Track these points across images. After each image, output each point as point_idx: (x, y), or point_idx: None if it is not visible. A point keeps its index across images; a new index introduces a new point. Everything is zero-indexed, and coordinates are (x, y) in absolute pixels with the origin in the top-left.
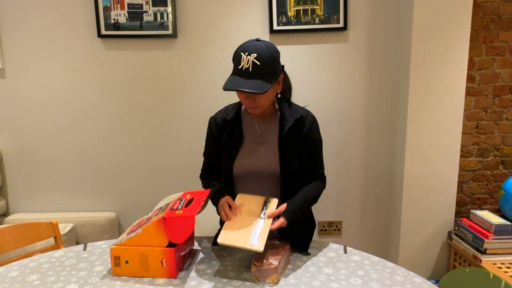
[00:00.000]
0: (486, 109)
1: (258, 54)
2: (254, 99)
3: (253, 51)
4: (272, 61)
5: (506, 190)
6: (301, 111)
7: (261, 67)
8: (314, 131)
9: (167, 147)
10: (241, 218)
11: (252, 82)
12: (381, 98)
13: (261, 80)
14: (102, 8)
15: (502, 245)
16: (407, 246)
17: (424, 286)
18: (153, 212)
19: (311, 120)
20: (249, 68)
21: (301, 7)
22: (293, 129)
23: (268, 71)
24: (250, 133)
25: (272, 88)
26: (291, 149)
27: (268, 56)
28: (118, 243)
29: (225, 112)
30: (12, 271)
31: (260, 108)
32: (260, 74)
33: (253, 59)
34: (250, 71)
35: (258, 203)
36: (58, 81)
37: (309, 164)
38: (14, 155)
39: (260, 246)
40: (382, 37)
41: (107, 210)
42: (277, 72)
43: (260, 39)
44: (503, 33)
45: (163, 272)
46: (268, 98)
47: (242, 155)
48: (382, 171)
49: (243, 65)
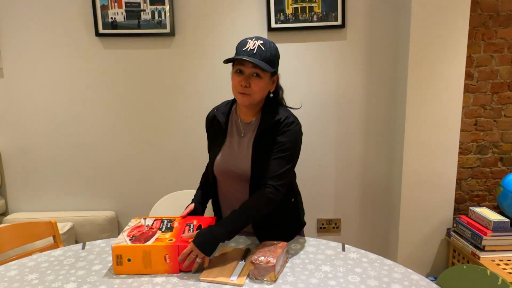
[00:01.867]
0: (484, 106)
1: (264, 42)
2: (249, 84)
3: (260, 39)
4: (276, 54)
5: (504, 187)
6: (282, 115)
7: (265, 52)
8: (283, 134)
9: (165, 145)
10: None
11: (256, 60)
12: (380, 95)
13: (264, 61)
14: (99, 6)
15: (500, 242)
16: (406, 243)
17: (421, 283)
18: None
19: (286, 125)
20: (254, 49)
21: (299, 4)
22: (269, 133)
23: (271, 59)
24: (234, 133)
25: (267, 81)
26: (264, 152)
27: (273, 47)
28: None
29: (216, 108)
30: (11, 270)
31: (251, 98)
32: (262, 56)
33: (259, 43)
34: (255, 52)
35: (238, 253)
36: (56, 80)
37: (266, 168)
38: (13, 154)
39: (240, 281)
40: (380, 34)
41: (106, 209)
42: (276, 67)
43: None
44: (501, 30)
45: (167, 268)
46: (261, 88)
47: (222, 154)
48: (380, 168)
49: (249, 47)
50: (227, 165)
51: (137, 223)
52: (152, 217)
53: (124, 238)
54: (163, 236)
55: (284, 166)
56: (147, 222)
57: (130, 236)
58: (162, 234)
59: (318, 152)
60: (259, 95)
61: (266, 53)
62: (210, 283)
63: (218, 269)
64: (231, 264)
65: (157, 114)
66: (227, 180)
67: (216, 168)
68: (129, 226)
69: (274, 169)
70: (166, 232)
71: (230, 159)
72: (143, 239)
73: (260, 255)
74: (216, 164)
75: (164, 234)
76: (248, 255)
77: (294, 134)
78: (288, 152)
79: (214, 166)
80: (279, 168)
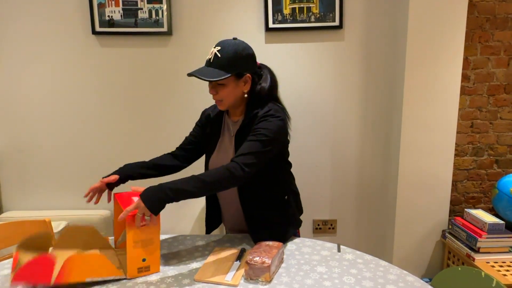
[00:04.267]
0: (480, 108)
1: (222, 47)
2: (216, 91)
3: (219, 45)
4: (235, 56)
5: (500, 189)
6: (265, 109)
7: (221, 59)
8: (259, 123)
9: (161, 144)
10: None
11: (208, 70)
12: (376, 97)
13: (219, 68)
14: (96, 5)
15: (495, 243)
16: (402, 244)
17: (416, 284)
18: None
19: (266, 117)
20: (211, 58)
21: (296, 5)
22: (248, 127)
23: (228, 64)
24: (226, 132)
25: (234, 84)
26: None
27: (231, 51)
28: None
29: (214, 107)
30: (4, 269)
31: (224, 103)
32: (217, 64)
33: (216, 51)
34: (211, 62)
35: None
36: (52, 79)
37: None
38: (7, 153)
39: (235, 281)
40: (378, 35)
41: (101, 208)
42: (241, 69)
43: (237, 38)
44: (498, 33)
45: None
46: (228, 93)
47: (216, 153)
48: (376, 169)
49: (208, 56)
50: (217, 162)
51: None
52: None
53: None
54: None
55: (255, 148)
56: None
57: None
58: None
59: (314, 153)
60: (229, 100)
61: (222, 60)
62: (205, 283)
63: (213, 269)
64: (226, 264)
65: (153, 112)
66: None
67: (210, 165)
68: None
69: (243, 149)
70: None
71: (220, 158)
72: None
73: (255, 255)
74: (210, 161)
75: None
76: (243, 255)
77: (272, 124)
78: (262, 137)
79: (209, 163)
80: (249, 148)
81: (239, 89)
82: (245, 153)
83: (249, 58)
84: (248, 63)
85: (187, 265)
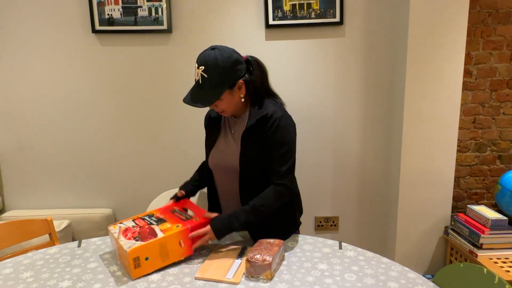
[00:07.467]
0: (483, 104)
1: (205, 66)
2: (216, 105)
3: (202, 63)
4: (223, 70)
5: (502, 185)
6: (269, 109)
7: (209, 79)
8: (276, 132)
9: (162, 143)
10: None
11: (201, 94)
12: (378, 92)
13: (211, 90)
14: (96, 3)
15: (498, 240)
16: (404, 241)
17: (418, 281)
18: (138, 221)
19: (275, 121)
20: (199, 80)
21: (297, 1)
22: (256, 128)
23: (218, 81)
24: (226, 129)
25: (229, 95)
26: (252, 147)
27: (215, 67)
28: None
29: None
30: (6, 268)
31: (227, 112)
32: (208, 85)
33: (201, 72)
34: (200, 83)
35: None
36: (52, 77)
37: (269, 168)
38: (9, 152)
39: (236, 279)
40: (379, 31)
41: (103, 206)
42: (232, 79)
43: (215, 47)
44: (500, 27)
45: (183, 252)
46: (227, 104)
47: (215, 149)
48: (378, 166)
49: (195, 78)
50: (219, 159)
51: (121, 227)
52: (126, 220)
53: (128, 242)
54: (165, 227)
55: (288, 162)
56: (128, 224)
57: (132, 239)
58: (161, 226)
59: (315, 150)
60: (231, 108)
61: (211, 80)
62: (206, 281)
63: (214, 267)
64: (227, 262)
65: (154, 111)
66: (220, 174)
67: (210, 162)
68: (115, 232)
69: (278, 166)
70: (162, 223)
71: (222, 154)
72: (148, 236)
73: (256, 253)
74: (210, 159)
75: (162, 225)
76: (244, 253)
77: (286, 129)
78: (286, 147)
79: (209, 161)
80: (282, 164)
81: (236, 96)
82: (284, 172)
83: (234, 65)
84: (236, 70)
85: (188, 263)
